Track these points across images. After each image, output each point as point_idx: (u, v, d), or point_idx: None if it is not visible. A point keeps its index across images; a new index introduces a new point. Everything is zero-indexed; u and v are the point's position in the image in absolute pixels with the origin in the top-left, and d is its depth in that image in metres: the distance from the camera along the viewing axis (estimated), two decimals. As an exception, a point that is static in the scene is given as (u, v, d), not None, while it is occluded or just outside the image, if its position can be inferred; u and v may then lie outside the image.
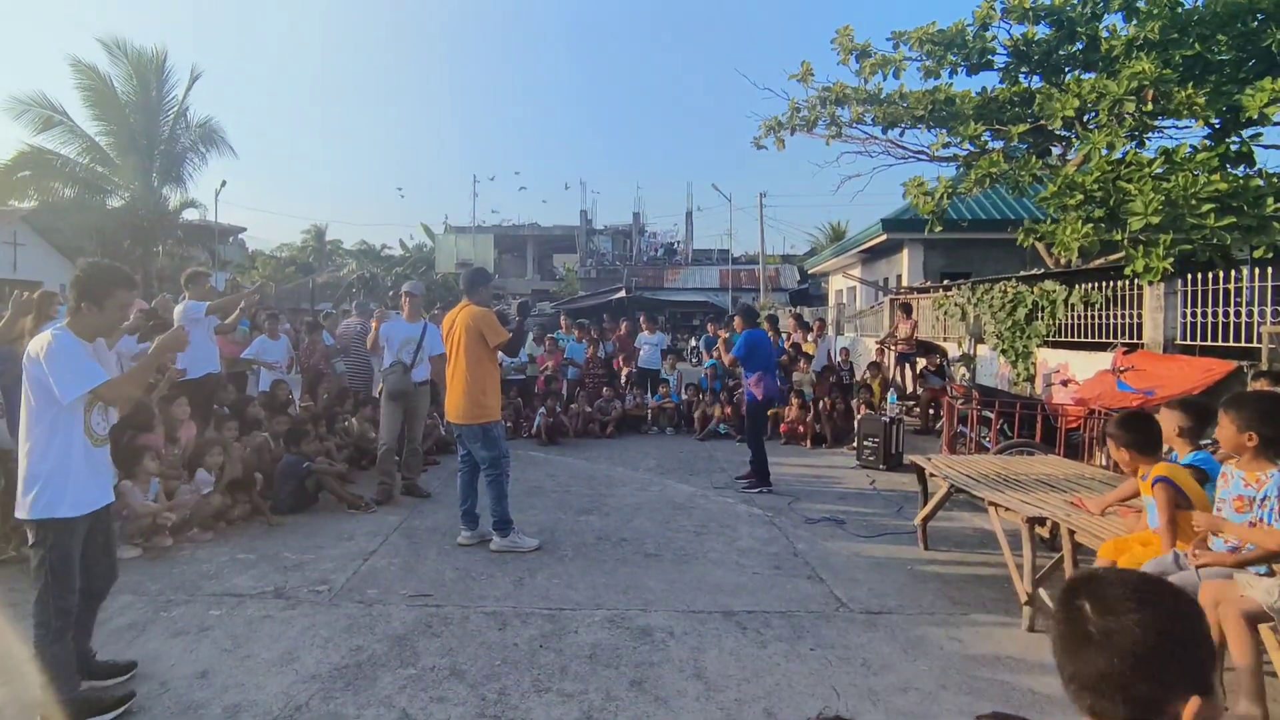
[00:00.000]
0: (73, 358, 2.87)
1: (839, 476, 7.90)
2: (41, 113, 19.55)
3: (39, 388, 2.86)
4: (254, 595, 4.28)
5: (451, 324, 5.42)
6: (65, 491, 2.89)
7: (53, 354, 2.84)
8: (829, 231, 41.22)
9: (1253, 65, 8.36)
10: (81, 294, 2.97)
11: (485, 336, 5.27)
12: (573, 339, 11.68)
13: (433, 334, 6.91)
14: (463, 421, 5.34)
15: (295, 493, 6.03)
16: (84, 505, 2.96)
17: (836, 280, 24.81)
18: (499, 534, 5.21)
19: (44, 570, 2.88)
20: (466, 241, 27.01)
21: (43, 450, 2.89)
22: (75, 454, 2.93)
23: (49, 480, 2.87)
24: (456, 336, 5.33)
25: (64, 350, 2.86)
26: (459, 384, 5.31)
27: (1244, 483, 2.99)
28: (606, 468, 8.18)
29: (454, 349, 5.36)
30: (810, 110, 11.45)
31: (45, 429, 2.89)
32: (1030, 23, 9.96)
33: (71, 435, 2.92)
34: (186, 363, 6.63)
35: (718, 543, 5.43)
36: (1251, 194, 6.84)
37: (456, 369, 5.33)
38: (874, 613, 4.16)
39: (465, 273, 5.85)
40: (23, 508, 2.89)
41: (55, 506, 2.87)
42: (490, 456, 5.30)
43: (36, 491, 2.86)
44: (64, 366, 2.84)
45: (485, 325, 5.29)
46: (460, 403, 5.30)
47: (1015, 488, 4.58)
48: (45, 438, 2.89)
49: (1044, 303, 9.13)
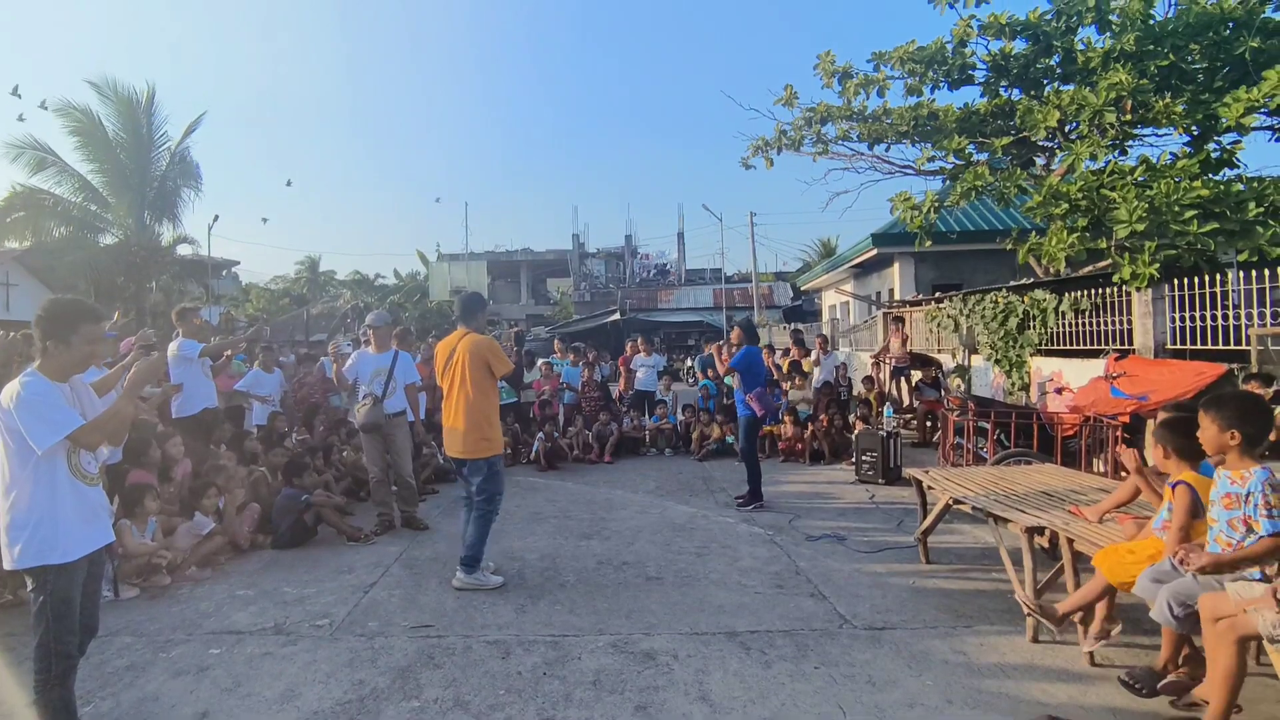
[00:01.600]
0: (44, 404, 2.77)
1: (838, 492, 7.90)
2: (35, 154, 19.72)
3: (14, 436, 2.77)
4: (254, 632, 4.25)
5: (450, 353, 5.13)
6: (56, 538, 2.80)
7: (22, 402, 2.75)
8: (820, 248, 41.50)
9: (1226, 73, 8.51)
10: (46, 333, 2.86)
11: (491, 366, 5.04)
12: (567, 363, 11.70)
13: (404, 363, 6.80)
14: (468, 456, 5.04)
15: (294, 526, 6.01)
16: (78, 549, 2.87)
17: (829, 296, 24.93)
18: (465, 570, 4.94)
19: (44, 615, 2.81)
20: (460, 268, 27.13)
21: (27, 498, 2.79)
22: (62, 498, 2.84)
23: (36, 529, 2.78)
24: (458, 366, 5.04)
25: (35, 397, 2.77)
26: (461, 416, 5.02)
27: (1230, 480, 3.05)
28: (606, 491, 8.17)
29: (455, 379, 5.06)
30: (796, 130, 11.59)
31: (28, 476, 2.79)
32: (1007, 38, 10.13)
33: (55, 480, 2.83)
34: (183, 400, 6.66)
35: (719, 563, 5.42)
36: (1233, 199, 6.93)
37: (459, 400, 5.04)
38: (877, 629, 4.15)
39: (460, 298, 5.48)
40: (8, 559, 2.79)
41: (46, 554, 2.79)
42: (490, 491, 5.06)
43: (25, 541, 2.77)
44: (35, 415, 2.75)
45: (491, 354, 5.06)
46: (464, 436, 5.01)
47: (1014, 498, 4.59)
48: (28, 485, 2.79)
49: (1035, 312, 9.20)
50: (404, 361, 6.79)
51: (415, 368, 7.24)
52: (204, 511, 5.64)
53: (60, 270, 20.32)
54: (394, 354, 6.74)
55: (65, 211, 20.56)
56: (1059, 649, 3.80)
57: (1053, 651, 3.79)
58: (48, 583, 2.81)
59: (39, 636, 2.83)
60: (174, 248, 23.06)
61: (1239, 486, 3.00)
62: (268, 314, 33.70)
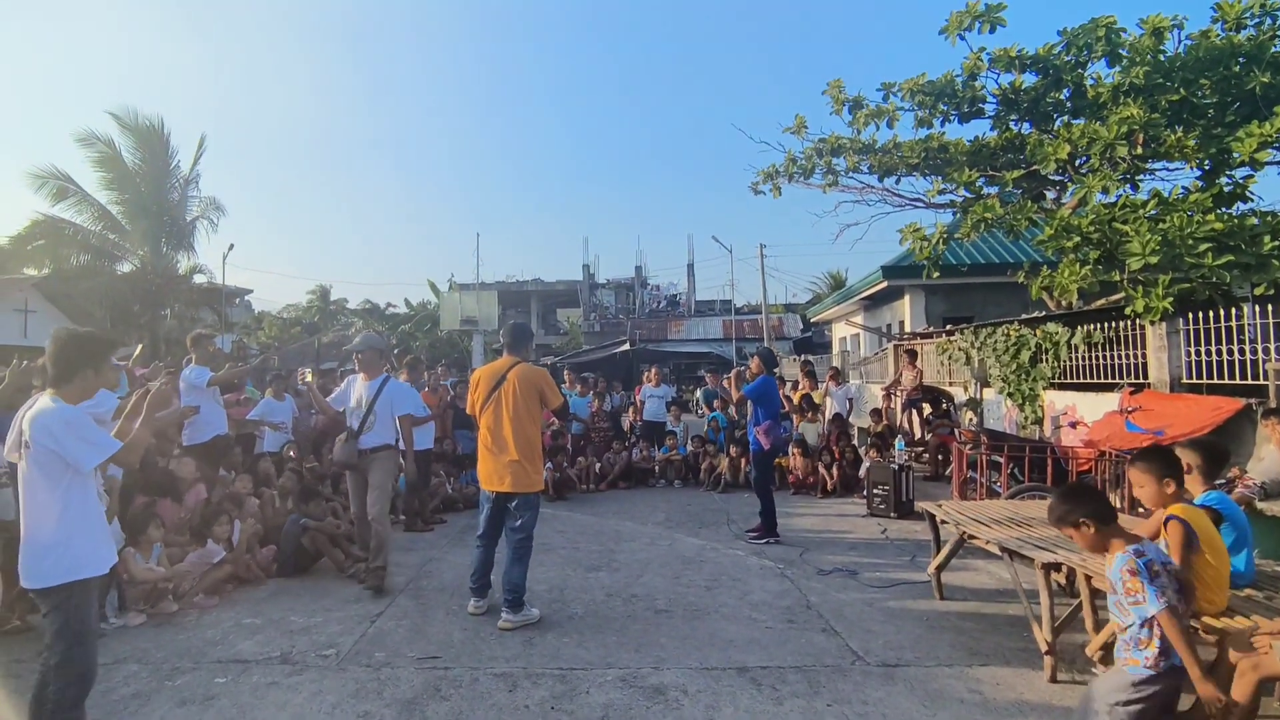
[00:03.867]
0: (85, 427, 2.94)
1: (850, 526, 7.81)
2: (57, 184, 20.14)
3: (48, 458, 2.88)
4: (260, 661, 4.21)
5: (497, 381, 4.96)
6: (88, 552, 2.94)
7: (67, 425, 2.89)
8: (830, 280, 41.58)
9: (1237, 108, 8.53)
10: (84, 360, 3.06)
11: (545, 397, 4.95)
12: (575, 393, 11.69)
13: (394, 393, 5.91)
14: (519, 490, 4.86)
15: (298, 553, 5.98)
16: (105, 563, 3.05)
17: (840, 328, 24.91)
18: (512, 611, 4.74)
19: (67, 634, 2.87)
20: (471, 298, 27.22)
21: (59, 515, 2.89)
22: (92, 515, 3.01)
23: (70, 544, 2.89)
24: (509, 396, 4.89)
25: (76, 420, 2.93)
26: (512, 447, 4.84)
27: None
28: (615, 522, 8.10)
29: (504, 409, 4.90)
30: (807, 160, 11.68)
31: (61, 494, 2.91)
32: (1017, 71, 10.21)
33: (87, 499, 2.99)
34: (195, 427, 6.69)
35: (729, 597, 5.35)
36: (1248, 233, 6.91)
37: (507, 430, 4.86)
38: (891, 665, 4.07)
39: (508, 327, 5.29)
40: (38, 576, 2.87)
41: (81, 568, 2.91)
42: (530, 527, 4.94)
43: (56, 558, 2.87)
44: (80, 437, 2.91)
45: (548, 385, 4.97)
46: (512, 469, 4.84)
47: (1029, 533, 4.52)
48: (62, 503, 2.91)
49: (1047, 345, 9.14)
50: (394, 391, 5.93)
51: (414, 397, 6.72)
52: (216, 539, 5.62)
53: (77, 297, 20.60)
54: (381, 382, 5.92)
55: (84, 240, 20.95)
56: (1078, 689, 3.71)
57: (1072, 691, 3.70)
58: (72, 600, 2.89)
59: (58, 658, 2.86)
60: (190, 276, 23.37)
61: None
62: (279, 342, 33.97)
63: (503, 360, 5.11)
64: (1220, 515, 3.45)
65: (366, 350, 6.03)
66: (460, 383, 9.92)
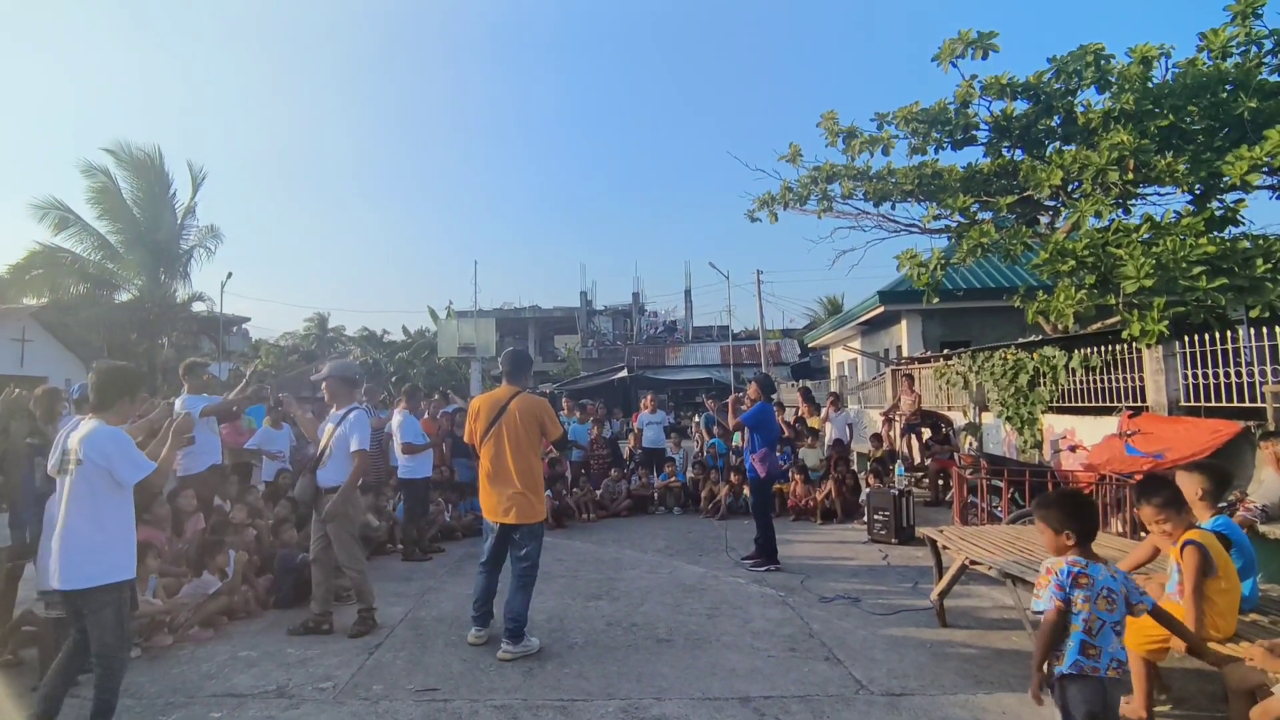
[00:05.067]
0: (130, 447, 3.47)
1: (851, 552, 7.76)
2: (59, 214, 20.28)
3: (99, 474, 3.38)
4: (256, 695, 4.15)
5: (497, 410, 4.90)
6: (125, 558, 3.47)
7: (118, 445, 3.42)
8: (826, 305, 41.72)
9: (1226, 133, 8.63)
10: (121, 390, 3.61)
11: (545, 427, 4.92)
12: (575, 420, 11.67)
13: (354, 425, 5.33)
14: (523, 520, 4.81)
15: (296, 585, 5.92)
16: (134, 570, 3.55)
17: (837, 353, 24.95)
18: (513, 641, 4.67)
19: (110, 625, 3.36)
20: (469, 325, 27.19)
21: (103, 524, 3.38)
22: (128, 526, 3.52)
23: (111, 549, 3.40)
24: (511, 426, 4.85)
25: (124, 441, 3.46)
26: (515, 476, 4.80)
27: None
28: (614, 550, 8.05)
29: (505, 439, 4.84)
30: (802, 187, 11.76)
31: (111, 505, 3.42)
32: (1009, 99, 10.33)
33: (125, 509, 3.51)
34: (190, 458, 6.64)
35: (731, 625, 5.30)
36: (1240, 256, 6.95)
37: (511, 460, 4.81)
38: (895, 694, 4.03)
39: (506, 355, 5.23)
40: (81, 578, 3.32)
41: (119, 570, 3.41)
42: (535, 556, 4.91)
43: (100, 560, 3.35)
44: (126, 456, 3.42)
45: (548, 416, 4.94)
46: (516, 500, 4.79)
47: (1031, 558, 4.50)
48: (110, 513, 3.42)
49: (1045, 369, 9.16)
50: (353, 424, 5.34)
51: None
52: (212, 571, 5.57)
53: (75, 327, 20.61)
54: (345, 413, 5.40)
55: (82, 269, 21.00)
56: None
57: None
58: (116, 596, 3.40)
59: (103, 648, 3.37)
60: (189, 304, 23.42)
61: None
62: (275, 370, 33.90)
63: (503, 390, 5.06)
64: (1229, 540, 3.43)
65: (330, 379, 5.57)
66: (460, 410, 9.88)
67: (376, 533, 7.88)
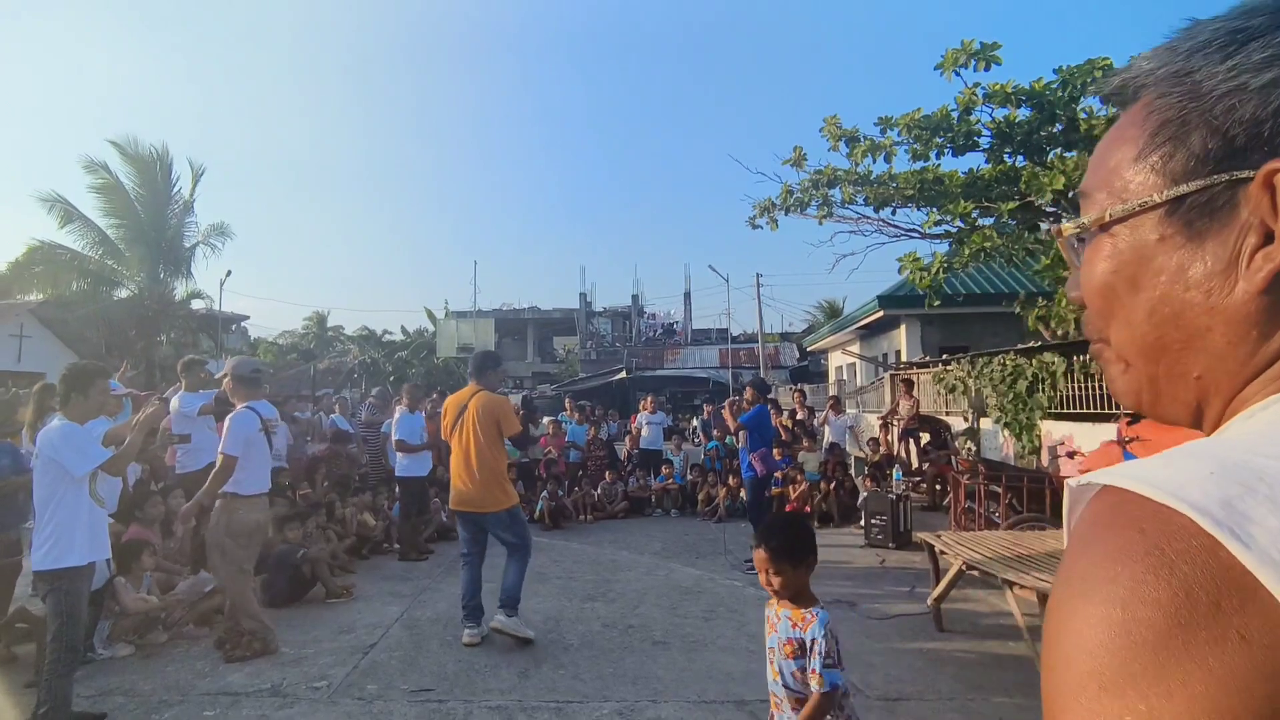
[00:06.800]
0: (81, 440, 3.61)
1: (847, 557, 7.75)
2: (63, 208, 20.28)
3: (51, 466, 3.56)
4: (249, 694, 4.14)
5: (461, 409, 5.18)
6: (71, 547, 3.54)
7: (65, 439, 3.58)
8: (825, 309, 41.71)
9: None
10: (71, 387, 3.73)
11: (501, 425, 5.12)
12: (573, 421, 11.66)
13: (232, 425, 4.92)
14: (487, 510, 5.08)
15: (291, 582, 5.91)
16: (89, 555, 3.64)
17: (835, 357, 24.95)
18: (507, 612, 4.89)
19: (59, 612, 3.48)
20: (467, 326, 27.25)
21: (51, 513, 3.54)
22: (81, 515, 3.60)
23: (59, 538, 3.52)
24: (469, 423, 5.10)
25: (74, 435, 3.62)
26: (474, 471, 5.05)
27: (791, 624, 2.61)
28: (611, 552, 8.03)
29: (467, 436, 5.11)
30: (803, 192, 11.75)
31: (55, 496, 3.55)
32: (1012, 106, 10.33)
33: (78, 502, 3.59)
34: (188, 455, 6.63)
35: (727, 628, 5.29)
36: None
37: (470, 456, 5.07)
38: (892, 699, 4.01)
39: (474, 355, 5.56)
40: (36, 561, 3.53)
41: (64, 558, 3.52)
42: (521, 534, 5.15)
43: (47, 549, 3.50)
44: (75, 449, 3.57)
45: (503, 415, 5.15)
46: (482, 491, 5.05)
47: (1029, 564, 4.49)
48: (55, 503, 3.55)
49: (1044, 375, 9.16)
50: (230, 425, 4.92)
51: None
52: (208, 570, 5.55)
53: (73, 323, 20.56)
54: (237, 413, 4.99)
55: (82, 265, 20.96)
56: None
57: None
58: (61, 584, 3.51)
59: (53, 631, 3.49)
60: (188, 302, 23.38)
61: (800, 632, 2.53)
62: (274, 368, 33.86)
63: (466, 389, 5.31)
64: None
65: (230, 377, 5.13)
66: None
67: (373, 531, 7.87)
